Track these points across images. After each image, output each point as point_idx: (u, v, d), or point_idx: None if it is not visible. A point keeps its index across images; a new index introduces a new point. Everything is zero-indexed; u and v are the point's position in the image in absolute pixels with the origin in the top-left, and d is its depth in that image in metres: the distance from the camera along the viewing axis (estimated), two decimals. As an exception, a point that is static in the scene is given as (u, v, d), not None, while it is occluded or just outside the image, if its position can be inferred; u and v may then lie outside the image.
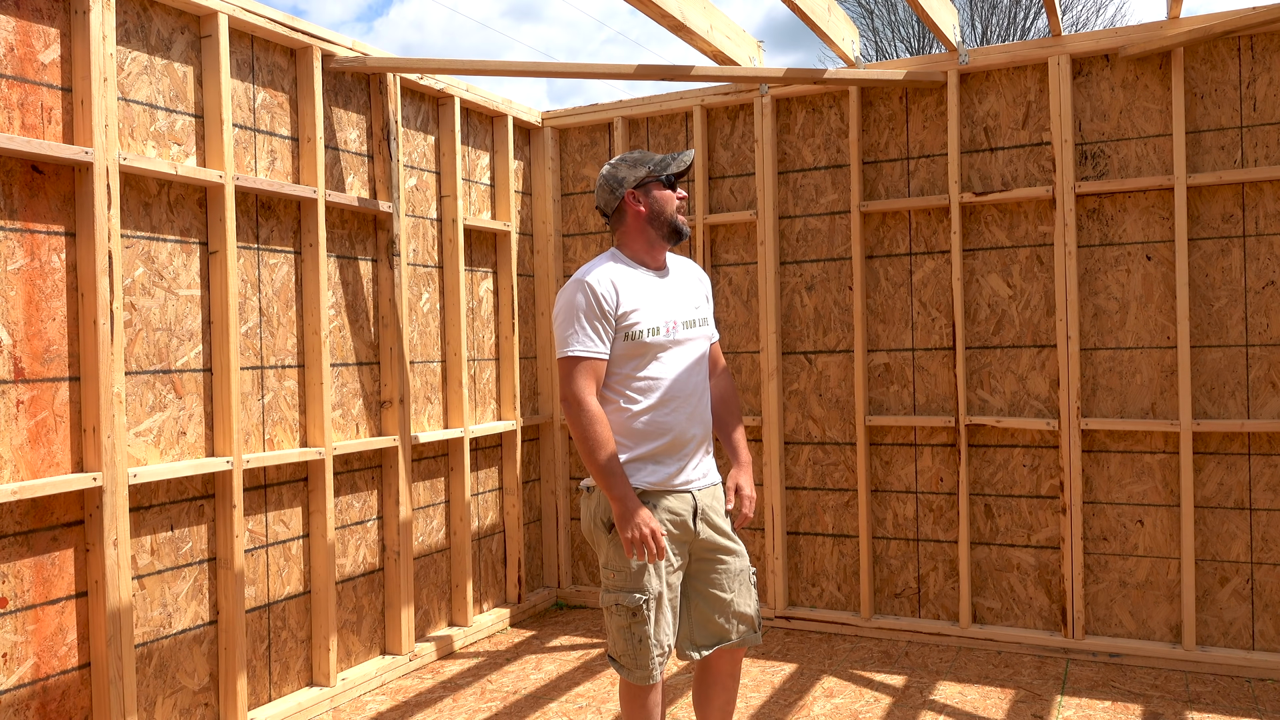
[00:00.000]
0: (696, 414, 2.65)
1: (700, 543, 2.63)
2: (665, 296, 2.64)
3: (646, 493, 2.56)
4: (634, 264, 2.64)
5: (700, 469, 2.65)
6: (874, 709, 3.59)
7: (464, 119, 4.67)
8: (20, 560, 2.79)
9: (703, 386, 2.69)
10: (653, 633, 2.50)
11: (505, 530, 4.89)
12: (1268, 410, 3.82)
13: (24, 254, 2.82)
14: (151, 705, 3.14)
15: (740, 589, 2.67)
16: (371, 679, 3.90)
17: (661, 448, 2.57)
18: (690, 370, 2.64)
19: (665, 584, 2.53)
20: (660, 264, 2.68)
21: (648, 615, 2.49)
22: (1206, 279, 3.91)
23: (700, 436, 2.66)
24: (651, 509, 2.53)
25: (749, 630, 2.68)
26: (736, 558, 2.67)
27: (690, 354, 2.66)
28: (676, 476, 2.58)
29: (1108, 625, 4.07)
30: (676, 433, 2.58)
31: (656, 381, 2.57)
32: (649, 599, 2.50)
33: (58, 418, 2.89)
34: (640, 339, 2.55)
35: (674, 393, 2.59)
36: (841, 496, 4.54)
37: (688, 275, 2.78)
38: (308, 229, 3.72)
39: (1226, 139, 3.87)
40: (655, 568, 2.51)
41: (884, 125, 4.45)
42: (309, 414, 3.72)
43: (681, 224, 2.64)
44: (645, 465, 2.56)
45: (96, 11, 2.94)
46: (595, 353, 2.51)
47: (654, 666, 2.52)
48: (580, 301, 2.52)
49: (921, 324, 4.38)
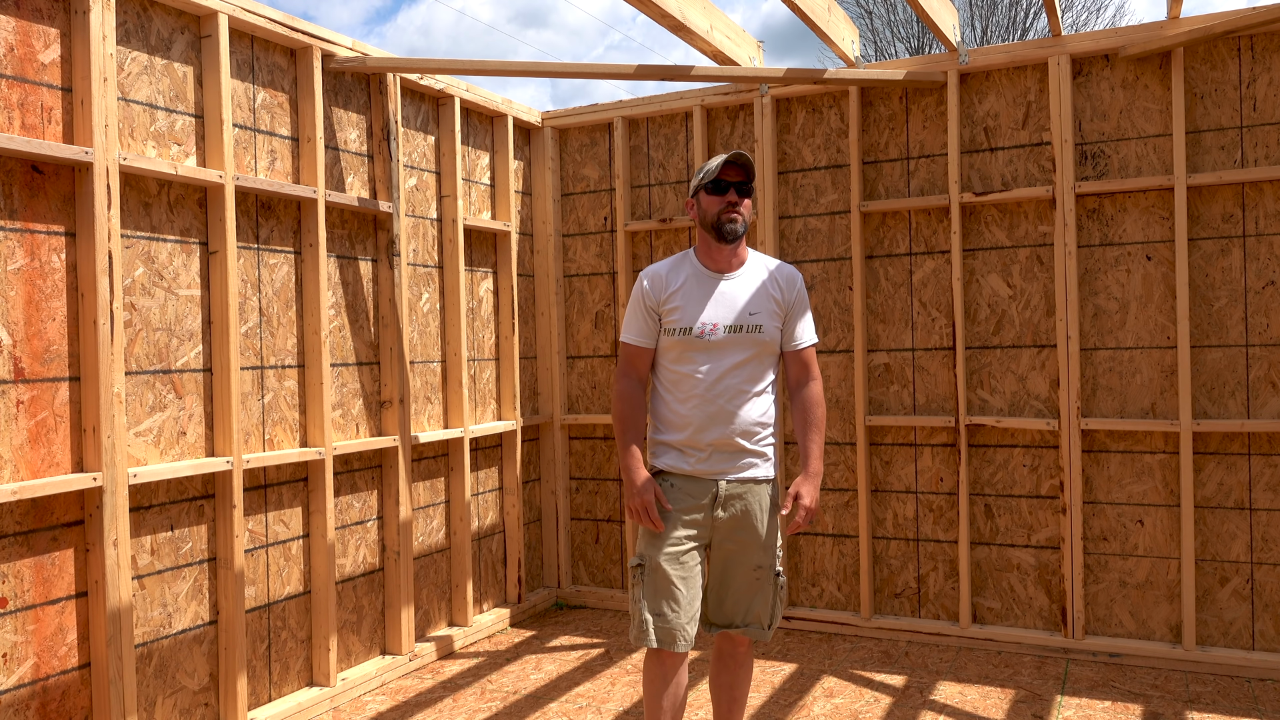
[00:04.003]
0: (722, 415, 2.70)
1: (723, 531, 2.73)
2: (716, 298, 2.75)
3: (666, 473, 2.77)
4: (699, 263, 2.81)
5: (731, 463, 2.73)
6: (874, 709, 3.59)
7: (464, 119, 4.67)
8: (20, 560, 2.79)
9: (739, 390, 2.72)
10: (643, 595, 2.70)
11: (505, 530, 4.89)
12: (1268, 410, 3.82)
13: (24, 254, 2.82)
14: (151, 705, 3.14)
15: (749, 585, 2.76)
16: (371, 679, 3.90)
17: (683, 439, 2.74)
18: (725, 373, 2.71)
19: (665, 555, 2.69)
20: (722, 265, 2.79)
21: (640, 579, 2.72)
22: (1206, 279, 3.91)
23: (724, 436, 2.71)
24: (669, 487, 2.74)
25: (757, 626, 2.78)
26: (756, 555, 2.74)
27: (728, 357, 2.72)
28: (697, 465, 2.73)
29: (1108, 625, 4.07)
30: (695, 427, 2.72)
31: (686, 378, 2.73)
32: (642, 565, 2.72)
33: (58, 418, 2.89)
34: (674, 335, 2.75)
35: (699, 391, 2.71)
36: (841, 496, 4.54)
37: (758, 280, 2.79)
38: (308, 229, 3.72)
39: (1226, 139, 3.87)
40: (657, 538, 2.71)
41: (884, 125, 4.45)
42: (309, 414, 3.72)
43: (724, 223, 2.73)
44: (670, 450, 2.77)
45: (96, 11, 2.94)
46: (634, 339, 2.81)
47: (646, 628, 2.68)
48: (636, 293, 2.83)
49: (921, 324, 4.38)
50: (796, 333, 2.81)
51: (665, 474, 2.78)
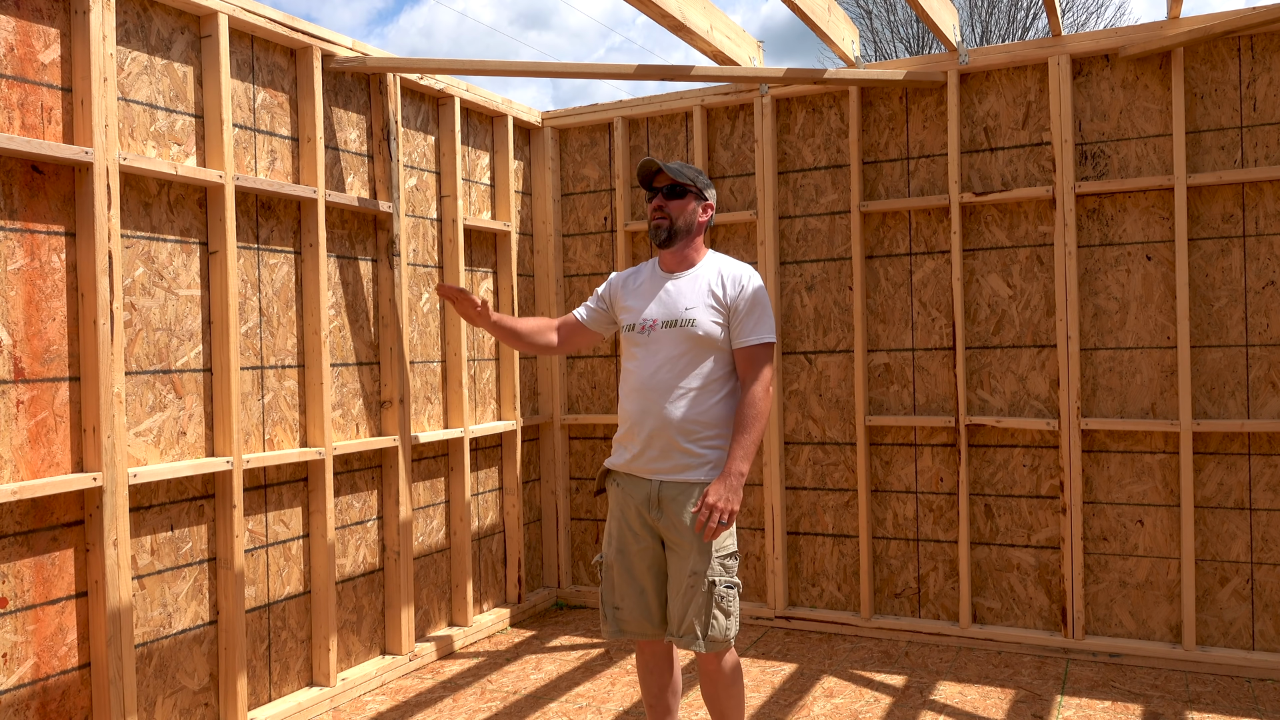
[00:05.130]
0: (655, 410, 2.73)
1: (664, 534, 2.78)
2: (660, 297, 2.84)
3: (611, 472, 2.89)
4: (656, 265, 2.94)
5: (664, 462, 2.74)
6: (874, 709, 3.59)
7: (464, 119, 4.67)
8: (20, 560, 2.79)
9: (672, 386, 2.72)
10: (602, 590, 2.88)
11: (505, 530, 4.89)
12: (1268, 410, 3.82)
13: (24, 254, 2.82)
14: (151, 705, 3.15)
15: (684, 593, 2.70)
16: (371, 679, 3.90)
17: (622, 433, 2.85)
18: (659, 367, 2.75)
19: (615, 552, 2.84)
20: (671, 266, 2.89)
21: (600, 575, 2.89)
22: (1206, 279, 3.91)
23: (655, 430, 2.73)
24: (614, 486, 2.87)
25: (690, 636, 2.69)
26: (692, 560, 2.70)
27: (662, 351, 2.76)
28: (634, 462, 2.80)
29: (1108, 625, 4.07)
30: (632, 422, 2.80)
31: (629, 373, 2.84)
32: (600, 561, 2.89)
33: (58, 418, 2.89)
34: (624, 331, 2.89)
35: (636, 385, 2.80)
36: (841, 496, 4.54)
37: (703, 279, 2.81)
38: (308, 229, 3.72)
39: (1226, 139, 3.87)
40: (611, 537, 2.87)
41: (884, 125, 4.45)
42: (309, 414, 3.72)
43: (651, 226, 2.86)
44: (617, 446, 2.88)
45: (96, 11, 2.94)
46: (579, 309, 3.10)
47: (610, 622, 2.84)
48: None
49: (921, 324, 4.38)
50: (740, 330, 2.76)
51: (612, 474, 2.88)
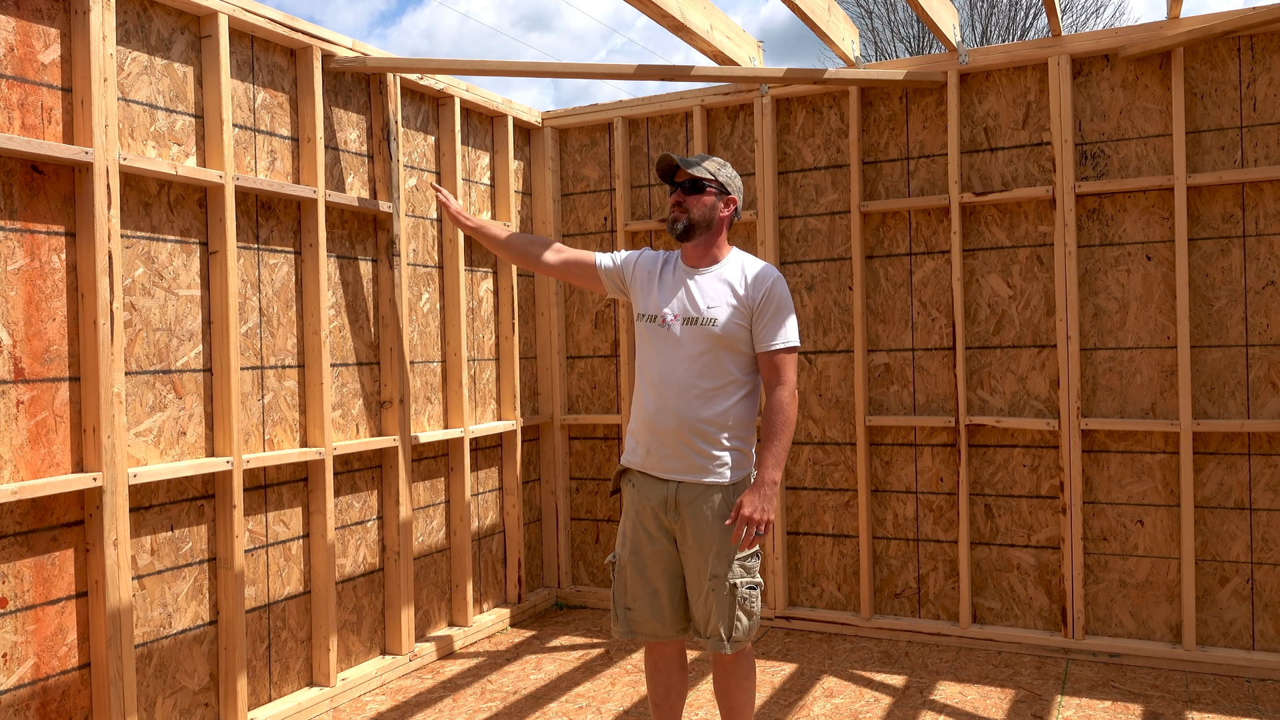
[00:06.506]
0: (671, 407, 2.69)
1: (681, 536, 2.74)
2: (682, 291, 2.79)
3: (629, 471, 2.85)
4: (680, 258, 2.90)
5: (680, 463, 2.71)
6: (874, 709, 3.59)
7: (464, 119, 4.67)
8: (20, 560, 2.79)
9: (690, 384, 2.69)
10: (614, 590, 2.85)
11: (505, 530, 4.89)
12: (1268, 410, 3.82)
13: (24, 254, 2.82)
14: (151, 705, 3.14)
15: (705, 596, 2.70)
16: (371, 679, 3.90)
17: (637, 427, 2.81)
18: (677, 365, 2.71)
19: (629, 552, 2.81)
20: (694, 261, 2.85)
21: (613, 575, 2.86)
22: (1206, 279, 3.91)
23: (672, 430, 2.69)
24: (630, 486, 2.83)
25: (716, 639, 2.71)
26: (711, 564, 2.69)
27: (682, 349, 2.72)
28: (649, 459, 2.76)
29: (1108, 625, 4.07)
30: (646, 417, 2.76)
31: (645, 366, 2.81)
32: (614, 560, 2.86)
33: (58, 418, 2.89)
34: (642, 321, 2.85)
35: (653, 380, 2.76)
36: (841, 496, 4.54)
37: (724, 277, 2.78)
38: (308, 229, 3.72)
39: (1226, 139, 3.87)
40: (625, 536, 2.83)
41: (884, 125, 4.45)
42: (309, 414, 3.72)
43: (669, 220, 2.83)
44: (629, 440, 2.85)
45: (96, 11, 2.94)
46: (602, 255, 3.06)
47: (622, 623, 2.82)
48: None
49: (921, 324, 4.38)
50: (764, 334, 2.72)
51: (629, 472, 2.84)
